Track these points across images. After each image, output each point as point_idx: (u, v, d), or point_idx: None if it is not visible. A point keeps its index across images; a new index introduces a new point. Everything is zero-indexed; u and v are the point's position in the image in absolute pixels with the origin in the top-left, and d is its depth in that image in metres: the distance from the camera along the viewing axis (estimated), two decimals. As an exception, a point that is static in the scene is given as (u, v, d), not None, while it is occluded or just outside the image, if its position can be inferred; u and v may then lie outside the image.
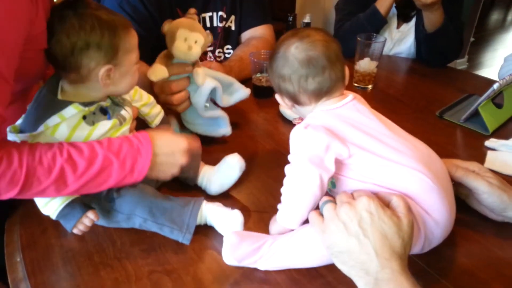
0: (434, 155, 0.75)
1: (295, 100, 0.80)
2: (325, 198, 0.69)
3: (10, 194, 0.65)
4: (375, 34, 1.38)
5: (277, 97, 0.84)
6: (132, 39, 0.75)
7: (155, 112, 0.95)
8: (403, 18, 1.66)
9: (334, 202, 0.67)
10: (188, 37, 0.94)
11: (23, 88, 0.81)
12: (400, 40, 1.69)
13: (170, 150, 0.78)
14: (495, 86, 1.07)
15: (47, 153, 0.66)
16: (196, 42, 0.95)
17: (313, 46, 0.75)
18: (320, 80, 0.75)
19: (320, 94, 0.77)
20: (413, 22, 1.64)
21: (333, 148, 0.69)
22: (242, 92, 1.08)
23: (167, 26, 0.95)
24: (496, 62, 4.05)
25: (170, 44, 0.95)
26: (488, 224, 0.81)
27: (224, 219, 0.78)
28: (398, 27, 1.67)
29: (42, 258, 0.75)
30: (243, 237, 0.72)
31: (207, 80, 0.99)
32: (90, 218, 0.75)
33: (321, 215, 0.67)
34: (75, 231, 0.76)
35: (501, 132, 1.14)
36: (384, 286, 0.57)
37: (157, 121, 0.96)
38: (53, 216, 0.76)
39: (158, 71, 0.94)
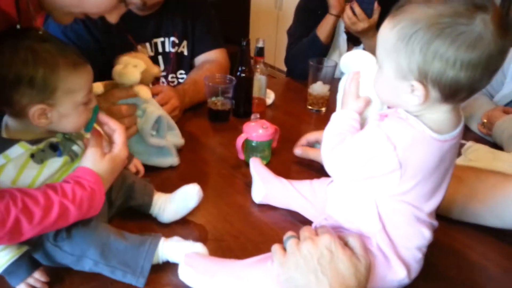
0: None
1: (448, 93, 0.58)
2: (290, 233, 0.69)
3: None
4: (325, 58, 1.41)
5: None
6: (79, 79, 0.70)
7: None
8: (352, 41, 1.71)
9: (298, 238, 0.67)
10: (129, 62, 0.94)
11: None
12: (350, 64, 1.74)
13: (111, 167, 0.74)
14: None
15: None
16: (135, 66, 0.94)
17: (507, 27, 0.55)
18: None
19: (463, 95, 0.59)
20: (362, 45, 1.70)
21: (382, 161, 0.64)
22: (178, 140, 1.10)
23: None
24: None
25: None
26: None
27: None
28: (348, 50, 1.72)
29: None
30: (204, 256, 0.73)
31: (153, 108, 0.99)
32: (36, 278, 0.69)
33: (285, 249, 0.67)
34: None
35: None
36: None
37: None
38: None
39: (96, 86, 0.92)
